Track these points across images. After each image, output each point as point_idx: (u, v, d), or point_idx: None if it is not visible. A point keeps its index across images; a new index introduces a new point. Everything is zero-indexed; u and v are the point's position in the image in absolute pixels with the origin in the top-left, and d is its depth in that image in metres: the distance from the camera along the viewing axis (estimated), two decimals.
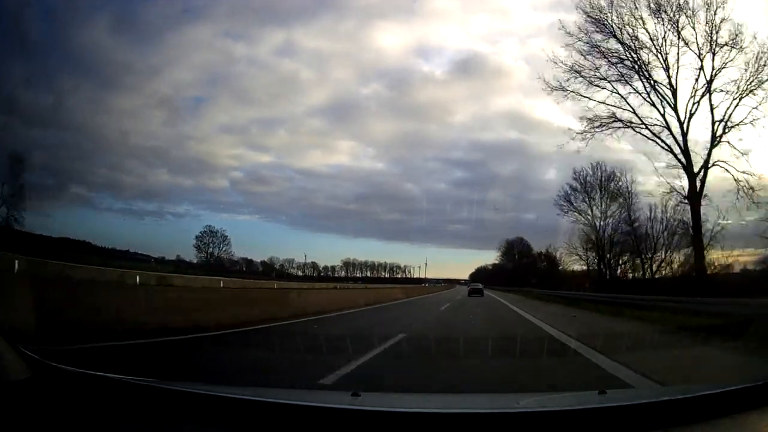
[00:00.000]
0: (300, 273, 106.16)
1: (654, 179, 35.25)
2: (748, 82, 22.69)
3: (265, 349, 7.18)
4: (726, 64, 23.06)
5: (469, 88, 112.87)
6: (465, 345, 7.75)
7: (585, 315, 16.85)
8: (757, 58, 22.31)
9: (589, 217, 35.31)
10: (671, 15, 23.43)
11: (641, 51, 24.54)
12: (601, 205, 34.56)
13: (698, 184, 24.09)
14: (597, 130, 25.86)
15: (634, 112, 25.31)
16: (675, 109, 24.30)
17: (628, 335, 9.66)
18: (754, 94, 22.63)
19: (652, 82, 24.70)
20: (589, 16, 24.87)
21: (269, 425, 1.71)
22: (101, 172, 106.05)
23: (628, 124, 25.54)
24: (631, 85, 25.26)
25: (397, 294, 31.62)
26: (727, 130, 23.36)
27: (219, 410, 1.76)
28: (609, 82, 25.49)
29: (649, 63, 24.60)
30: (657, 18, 23.79)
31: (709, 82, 23.51)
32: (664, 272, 31.03)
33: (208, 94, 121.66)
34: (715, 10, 22.76)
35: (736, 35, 22.45)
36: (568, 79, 25.63)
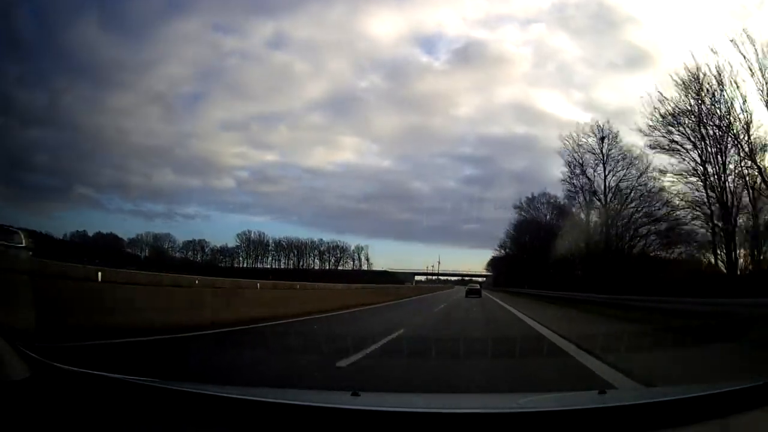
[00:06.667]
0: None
1: None
2: None
3: None
4: None
5: (471, 78, 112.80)
6: None
7: None
8: None
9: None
10: None
11: None
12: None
13: None
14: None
15: None
16: None
17: None
18: None
19: None
20: None
21: (270, 425, 1.72)
22: (107, 172, 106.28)
23: None
24: None
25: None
26: None
27: (219, 410, 1.76)
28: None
29: None
30: None
31: None
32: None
33: (204, 91, 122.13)
34: None
35: None
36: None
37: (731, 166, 27.84)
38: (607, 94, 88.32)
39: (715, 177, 28.39)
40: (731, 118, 27.27)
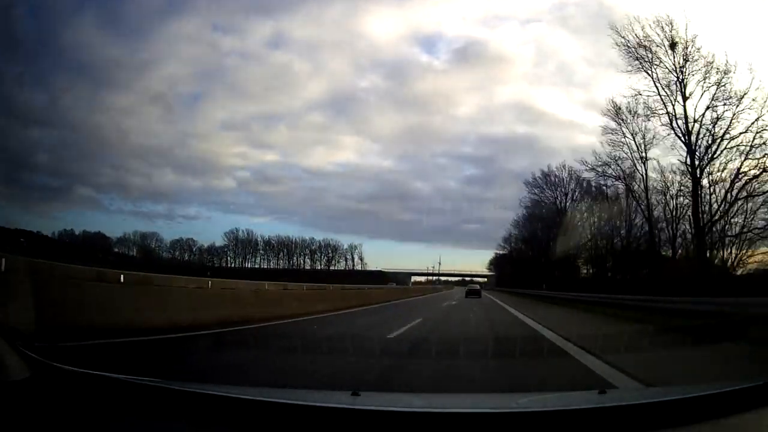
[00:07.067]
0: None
1: None
2: None
3: None
4: None
5: (471, 77, 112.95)
6: None
7: None
8: None
9: None
10: None
11: None
12: None
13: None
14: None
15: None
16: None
17: None
18: None
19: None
20: None
21: (270, 425, 1.72)
22: (107, 172, 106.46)
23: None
24: None
25: None
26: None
27: (219, 410, 1.76)
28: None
29: None
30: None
31: None
32: None
33: (204, 91, 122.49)
34: None
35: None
36: None
37: None
38: (608, 94, 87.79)
39: None
40: None
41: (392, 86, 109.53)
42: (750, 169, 23.06)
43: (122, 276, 13.99)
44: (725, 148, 23.67)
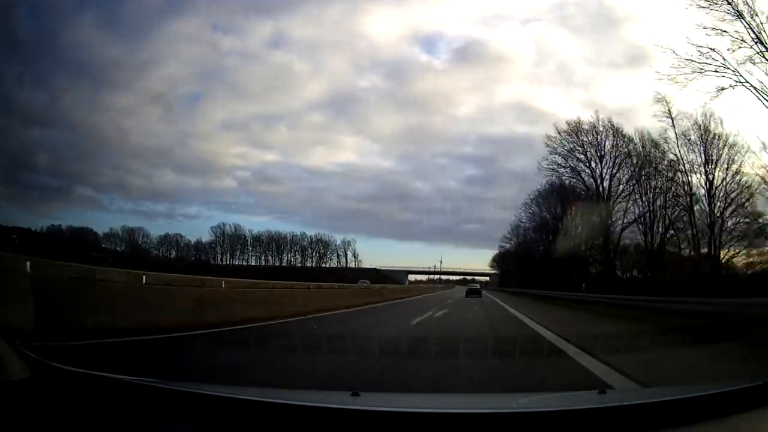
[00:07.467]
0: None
1: None
2: None
3: None
4: None
5: (471, 77, 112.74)
6: None
7: None
8: None
9: None
10: None
11: None
12: None
13: None
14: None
15: None
16: None
17: None
18: None
19: None
20: None
21: (270, 425, 1.71)
22: (107, 172, 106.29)
23: None
24: None
25: None
26: None
27: (220, 410, 1.76)
28: None
29: None
30: None
31: None
32: None
33: (204, 91, 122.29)
34: None
35: None
36: None
37: None
38: (608, 93, 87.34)
39: None
40: None
41: (392, 86, 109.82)
42: None
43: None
44: None
